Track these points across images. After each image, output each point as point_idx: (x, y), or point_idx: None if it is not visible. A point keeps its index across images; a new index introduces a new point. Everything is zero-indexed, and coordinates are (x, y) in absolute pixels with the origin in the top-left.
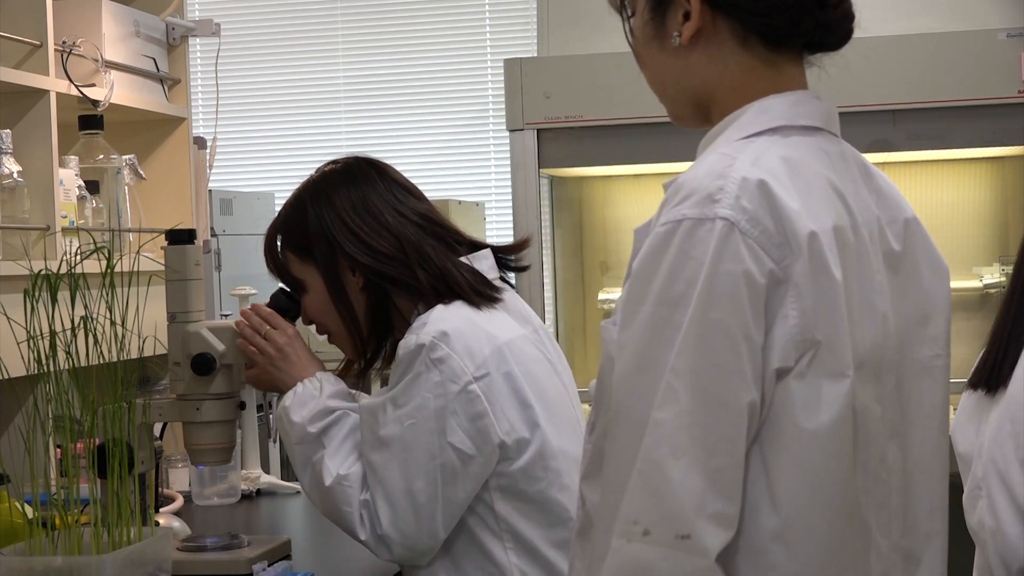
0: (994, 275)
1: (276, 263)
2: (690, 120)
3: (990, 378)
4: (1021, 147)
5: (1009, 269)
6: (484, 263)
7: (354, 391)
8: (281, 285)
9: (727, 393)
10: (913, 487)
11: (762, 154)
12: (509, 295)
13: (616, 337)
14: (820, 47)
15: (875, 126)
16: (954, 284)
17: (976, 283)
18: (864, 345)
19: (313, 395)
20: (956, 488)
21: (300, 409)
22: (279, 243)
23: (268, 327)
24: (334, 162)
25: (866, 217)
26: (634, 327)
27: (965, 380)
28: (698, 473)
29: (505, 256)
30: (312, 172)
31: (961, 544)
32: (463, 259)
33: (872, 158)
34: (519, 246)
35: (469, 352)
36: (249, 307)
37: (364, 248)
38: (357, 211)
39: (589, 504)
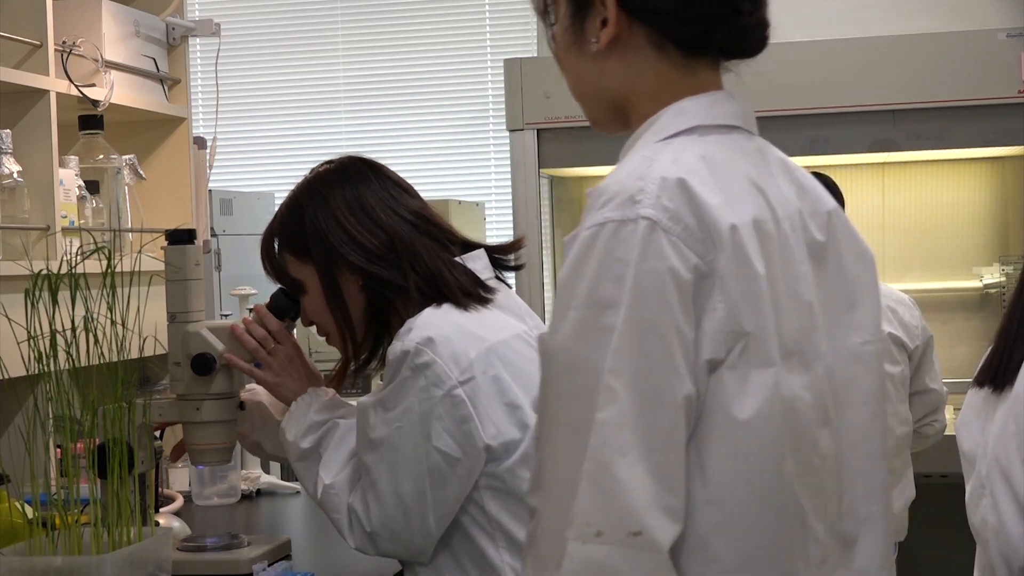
0: (994, 275)
1: (273, 265)
2: (608, 125)
3: (996, 376)
4: (1021, 147)
5: (1009, 269)
6: (478, 263)
7: (352, 390)
8: (280, 285)
9: (664, 389)
10: (847, 472)
11: (680, 153)
12: (504, 294)
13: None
14: (737, 53)
15: (875, 126)
16: (954, 284)
17: (976, 283)
18: (791, 334)
19: (304, 412)
20: (958, 487)
21: (294, 427)
22: (276, 244)
23: (274, 343)
24: (329, 162)
25: (787, 210)
26: (563, 331)
27: (966, 379)
28: (643, 469)
29: (500, 256)
30: (307, 172)
31: (962, 542)
32: (457, 259)
33: (872, 158)
34: (513, 246)
35: (454, 357)
36: (251, 311)
37: (357, 248)
38: (352, 210)
39: (534, 511)
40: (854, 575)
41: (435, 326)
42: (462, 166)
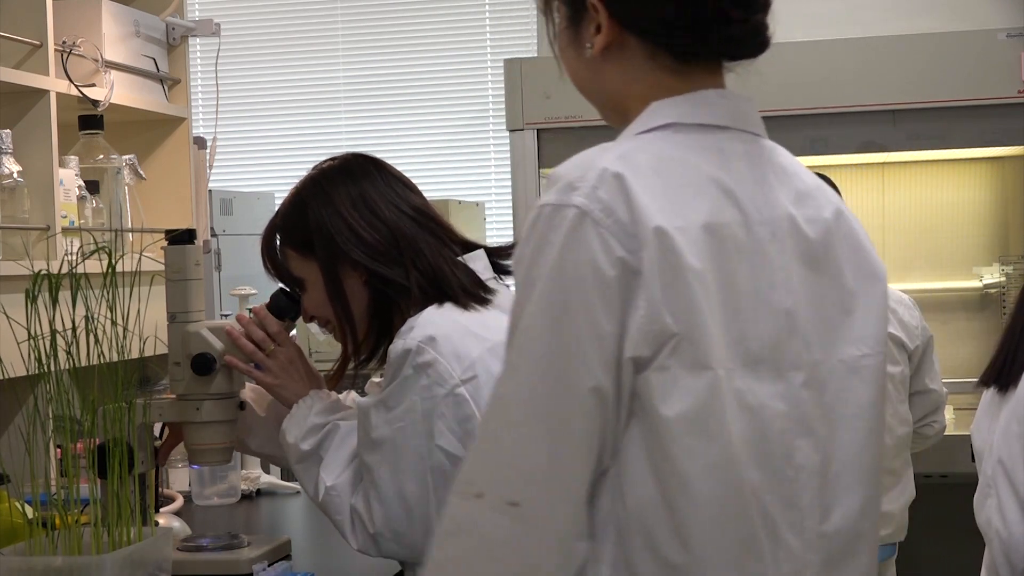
0: (994, 275)
1: (274, 262)
2: (614, 121)
3: (1000, 376)
4: (1021, 147)
5: (1009, 269)
6: (478, 263)
7: (352, 391)
8: (281, 285)
9: (566, 375)
10: (838, 488)
11: (637, 150)
12: (504, 295)
13: None
14: (736, 57)
15: (875, 126)
16: (954, 284)
17: (976, 283)
18: (758, 341)
19: (305, 414)
20: (966, 487)
21: (294, 429)
22: (278, 241)
23: (273, 344)
24: (333, 158)
25: (767, 215)
26: (515, 305)
27: (966, 379)
28: (536, 447)
29: (498, 259)
30: (310, 169)
31: (962, 542)
32: (459, 259)
33: (871, 158)
34: (511, 248)
35: (456, 355)
36: (250, 313)
37: (360, 243)
38: (355, 206)
39: None
40: None
41: (437, 324)
42: (462, 166)
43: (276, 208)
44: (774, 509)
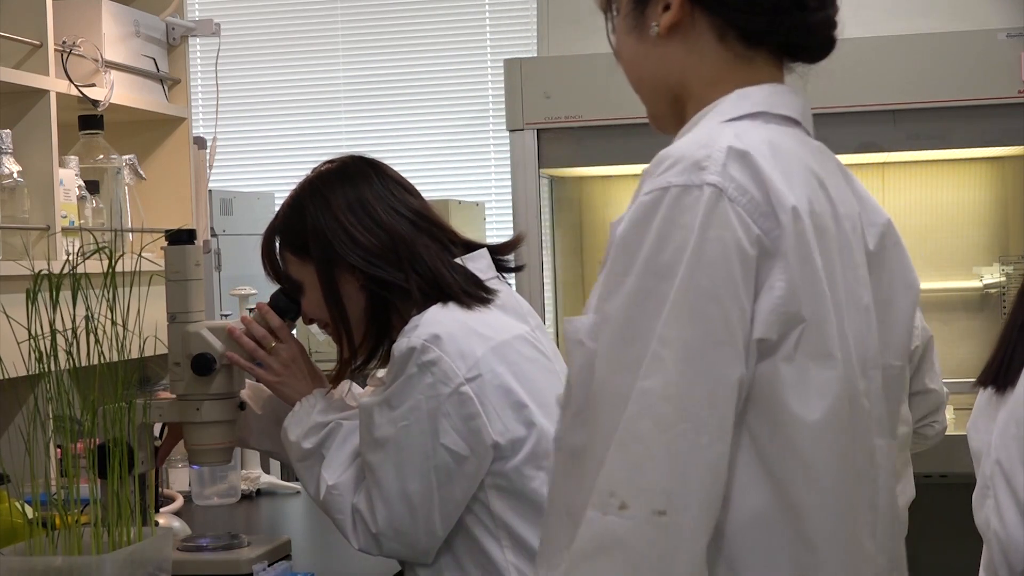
0: (994, 275)
1: (273, 265)
2: (668, 120)
3: (997, 377)
4: (1021, 147)
5: (1009, 269)
6: (480, 262)
7: (354, 389)
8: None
9: (718, 365)
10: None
11: (745, 133)
12: (506, 294)
13: (593, 318)
14: (800, 52)
15: (875, 126)
16: (954, 284)
17: (976, 283)
18: (851, 337)
19: (308, 412)
20: (966, 487)
21: (296, 428)
22: (277, 243)
23: (275, 341)
24: (331, 161)
25: (849, 210)
26: (619, 298)
27: (966, 379)
28: (682, 447)
29: (499, 257)
30: (309, 172)
31: (962, 543)
32: (458, 260)
33: (871, 158)
34: (511, 245)
35: (461, 354)
36: (252, 313)
37: (357, 247)
38: (352, 209)
39: (572, 511)
40: None
41: (441, 323)
42: (462, 166)
43: (276, 208)
44: (859, 512)
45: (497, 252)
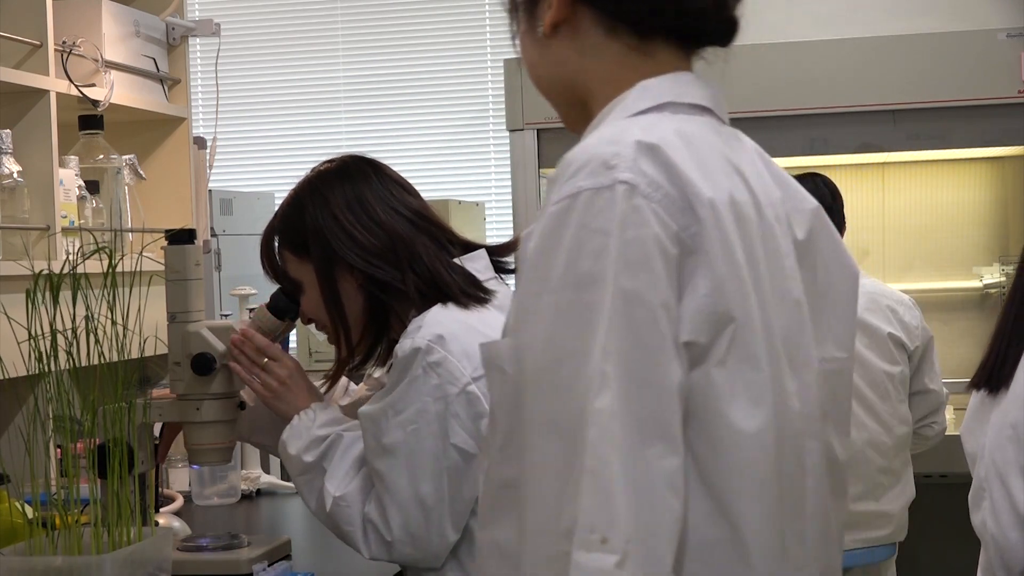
0: (994, 275)
1: (272, 264)
2: (577, 122)
3: (990, 378)
4: (1021, 147)
5: (1009, 269)
6: (479, 263)
7: (351, 388)
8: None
9: (657, 372)
10: (836, 493)
11: (654, 125)
12: (504, 294)
13: (511, 342)
14: (702, 37)
15: (875, 126)
16: (954, 284)
17: (976, 283)
18: (780, 333)
19: (308, 426)
20: (966, 487)
21: (296, 441)
22: (277, 243)
23: (267, 359)
24: (330, 160)
25: (770, 198)
26: (538, 318)
27: (966, 379)
28: (639, 468)
29: (499, 259)
30: (308, 171)
31: (962, 543)
32: (456, 260)
33: (871, 158)
34: (510, 246)
35: (466, 353)
36: (250, 313)
37: (355, 247)
38: (351, 208)
39: (503, 546)
40: None
41: (444, 324)
42: (462, 166)
43: (276, 208)
44: (786, 521)
45: (496, 253)
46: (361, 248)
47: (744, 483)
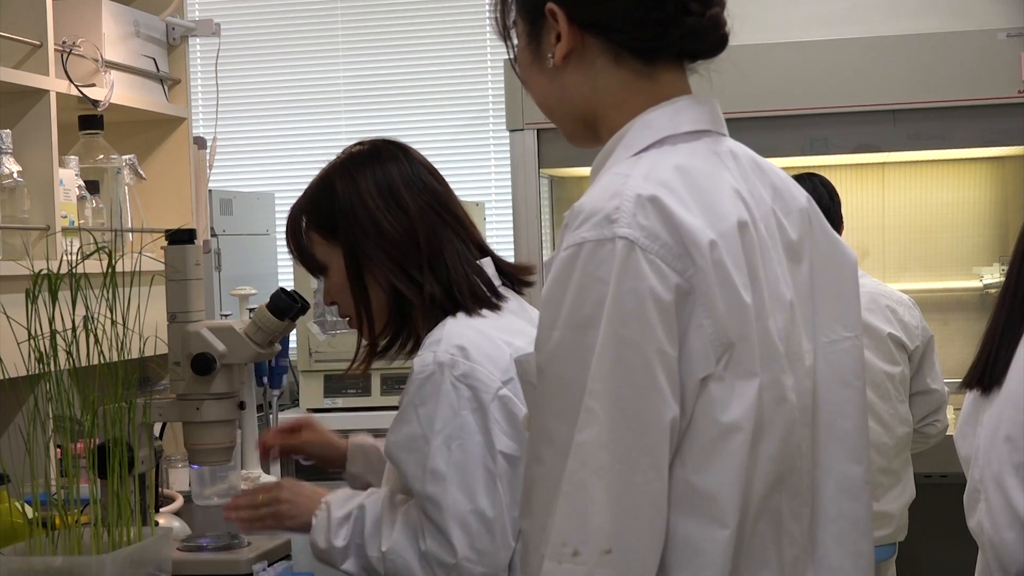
0: (994, 275)
1: (298, 244)
2: (583, 139)
3: (983, 377)
4: (1021, 147)
5: None
6: (488, 269)
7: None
8: (281, 285)
9: (646, 410)
10: (820, 469)
11: (654, 167)
12: (516, 301)
13: (531, 366)
14: (697, 55)
15: (875, 126)
16: (954, 284)
17: (976, 283)
18: (779, 335)
19: (327, 519)
20: (958, 487)
21: (322, 534)
22: (304, 223)
23: (259, 495)
24: (361, 143)
25: (762, 211)
26: (547, 352)
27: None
28: (621, 489)
29: (507, 278)
30: (339, 153)
31: (962, 543)
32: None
33: (871, 158)
34: (525, 269)
35: (491, 360)
36: (250, 313)
37: (380, 240)
38: (380, 191)
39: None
40: (823, 574)
41: (462, 334)
42: (462, 166)
43: (276, 208)
44: (782, 500)
45: (508, 269)
46: (386, 240)
47: (724, 475)
